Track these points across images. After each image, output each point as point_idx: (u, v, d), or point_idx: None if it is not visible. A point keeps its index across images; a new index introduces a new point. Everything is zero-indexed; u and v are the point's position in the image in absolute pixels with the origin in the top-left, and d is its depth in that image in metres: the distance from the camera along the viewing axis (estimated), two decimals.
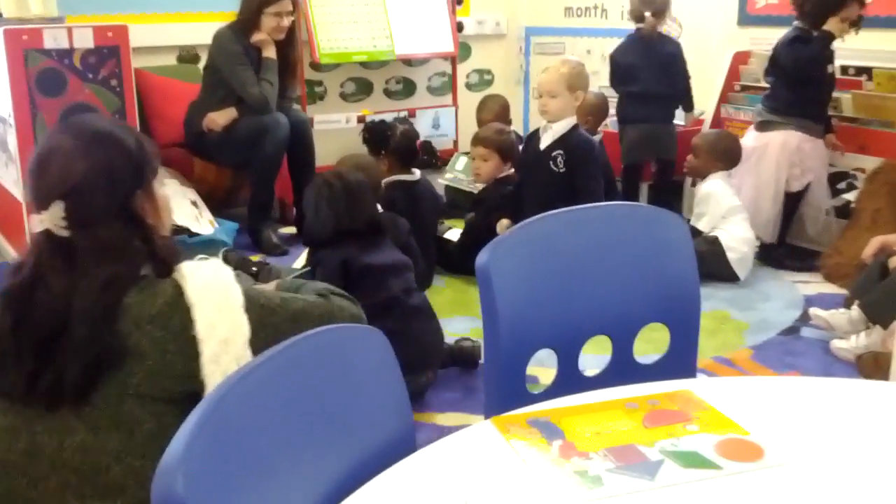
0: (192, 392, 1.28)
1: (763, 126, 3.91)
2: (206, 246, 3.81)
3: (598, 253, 1.49)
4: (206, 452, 0.87)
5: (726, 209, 3.75)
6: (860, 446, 1.11)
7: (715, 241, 3.69)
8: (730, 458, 1.08)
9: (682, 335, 1.54)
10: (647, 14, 4.28)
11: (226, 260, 3.52)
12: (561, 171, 3.35)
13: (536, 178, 3.47)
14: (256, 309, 1.39)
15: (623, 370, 1.50)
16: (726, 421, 1.16)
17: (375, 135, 3.78)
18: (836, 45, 3.77)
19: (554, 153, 3.36)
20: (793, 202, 3.87)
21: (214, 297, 1.34)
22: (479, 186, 4.09)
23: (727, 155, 3.89)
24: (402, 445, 1.12)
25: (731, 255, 3.67)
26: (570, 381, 1.47)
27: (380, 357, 1.14)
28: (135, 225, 1.37)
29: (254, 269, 3.51)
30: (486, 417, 1.23)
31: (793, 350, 3.05)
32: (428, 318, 2.77)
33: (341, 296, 1.59)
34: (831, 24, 3.64)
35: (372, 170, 3.42)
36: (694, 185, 4.01)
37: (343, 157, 3.51)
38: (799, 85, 3.77)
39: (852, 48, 4.02)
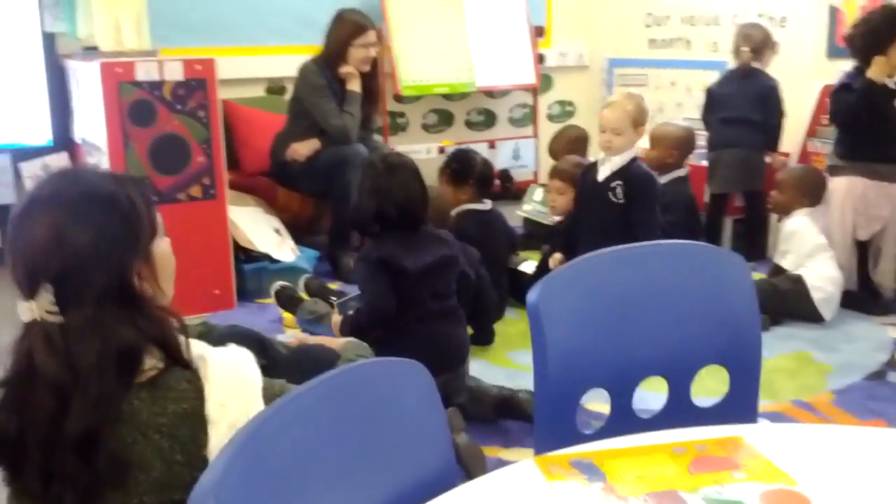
0: None
1: (831, 171, 3.81)
2: (288, 272, 3.90)
3: (653, 292, 1.47)
4: (241, 481, 0.89)
5: (812, 247, 3.64)
6: None
7: (799, 280, 3.59)
8: None
9: (742, 379, 1.50)
10: (744, 48, 4.32)
11: (307, 286, 3.64)
12: (620, 201, 3.34)
13: (594, 211, 3.46)
14: None
15: (679, 413, 1.47)
16: (775, 470, 1.13)
17: (462, 163, 3.81)
18: None
19: (613, 184, 3.35)
20: (865, 248, 3.72)
21: (232, 415, 1.20)
22: (556, 219, 4.07)
23: (813, 191, 3.78)
24: (442, 481, 1.12)
25: (815, 295, 3.56)
26: (623, 421, 1.44)
27: (422, 391, 1.15)
28: (132, 300, 1.22)
29: (332, 298, 3.58)
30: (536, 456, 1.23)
31: (877, 395, 2.93)
32: (452, 324, 2.80)
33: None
34: (878, 65, 3.50)
35: (439, 200, 3.45)
36: (780, 221, 3.91)
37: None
38: (858, 129, 3.64)
39: None
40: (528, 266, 4.01)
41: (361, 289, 2.77)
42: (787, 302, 3.58)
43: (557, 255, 3.59)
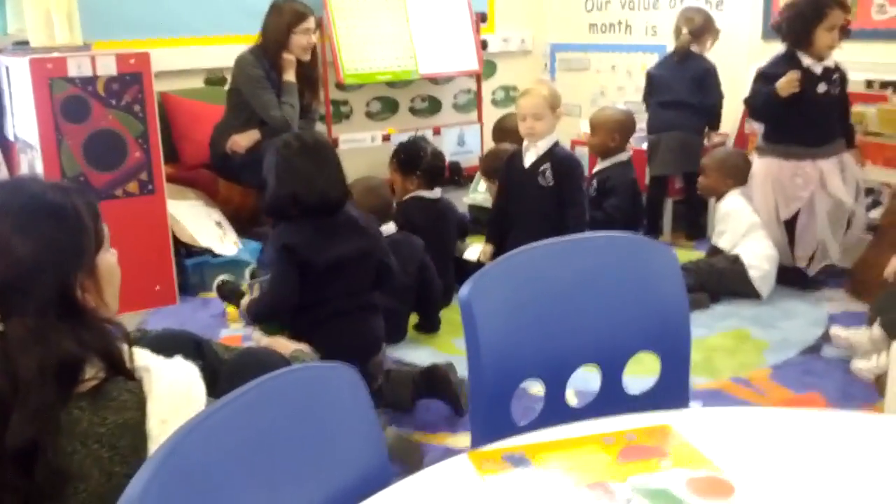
0: None
1: (757, 152, 3.87)
2: (230, 266, 3.87)
3: (583, 283, 1.49)
4: (167, 491, 0.89)
5: (747, 226, 3.71)
6: (834, 482, 1.10)
7: (736, 260, 3.66)
8: (700, 495, 1.08)
9: (672, 364, 1.53)
10: (684, 31, 4.40)
11: (252, 275, 3.61)
12: (549, 184, 3.40)
13: (525, 197, 3.51)
14: None
15: (612, 400, 1.49)
16: (700, 457, 1.16)
17: (410, 153, 3.80)
18: (857, 57, 3.73)
19: (541, 168, 3.41)
20: (792, 227, 3.72)
21: (173, 430, 1.15)
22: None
23: (736, 172, 3.87)
24: (376, 481, 1.13)
25: (752, 273, 3.63)
26: (557, 410, 1.47)
27: (349, 393, 1.15)
28: (74, 312, 1.22)
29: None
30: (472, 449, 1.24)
31: (812, 370, 3.01)
32: (366, 318, 2.73)
33: None
34: (820, 37, 3.52)
35: (383, 190, 3.44)
36: (717, 202, 3.98)
37: (354, 181, 3.53)
38: (770, 120, 3.73)
39: (877, 62, 3.97)
40: (472, 253, 4.03)
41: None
42: (725, 281, 3.65)
43: (487, 248, 3.62)
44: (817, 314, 3.50)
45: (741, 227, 3.71)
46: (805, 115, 3.56)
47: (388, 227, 3.32)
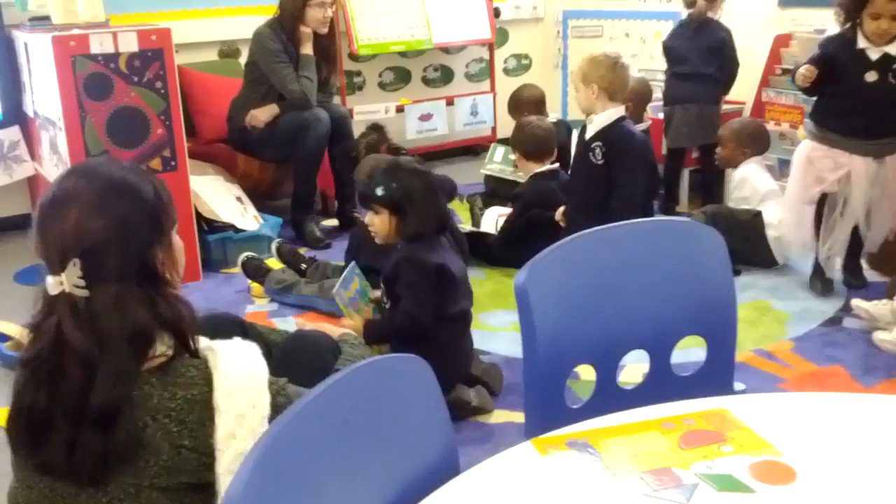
0: (208, 484, 1.24)
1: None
2: (252, 241, 3.90)
3: (632, 269, 1.52)
4: (265, 489, 0.93)
5: (764, 192, 3.75)
6: (892, 466, 1.13)
7: (758, 215, 3.67)
8: (763, 480, 1.12)
9: (718, 347, 1.57)
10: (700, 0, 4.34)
11: (279, 252, 3.65)
12: (599, 162, 3.35)
13: (580, 169, 3.50)
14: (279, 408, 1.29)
15: (661, 383, 1.53)
16: (760, 441, 1.20)
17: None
18: None
19: (593, 145, 3.37)
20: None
21: (239, 405, 1.25)
22: (522, 175, 4.10)
23: (753, 140, 3.88)
24: (446, 469, 1.17)
25: (770, 233, 3.64)
26: (608, 394, 1.50)
27: (422, 384, 1.18)
28: (152, 281, 1.30)
29: (303, 265, 3.60)
30: (527, 436, 1.27)
31: (834, 342, 3.05)
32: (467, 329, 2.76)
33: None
34: (866, 22, 3.14)
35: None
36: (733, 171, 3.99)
37: (362, 162, 3.54)
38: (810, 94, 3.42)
39: None
40: (488, 225, 4.06)
41: (403, 294, 2.54)
42: (743, 233, 3.58)
43: (560, 210, 3.60)
44: (837, 286, 3.52)
45: (759, 193, 3.75)
46: (848, 103, 3.21)
47: None
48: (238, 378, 1.27)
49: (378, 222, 2.62)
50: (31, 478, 1.29)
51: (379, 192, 2.59)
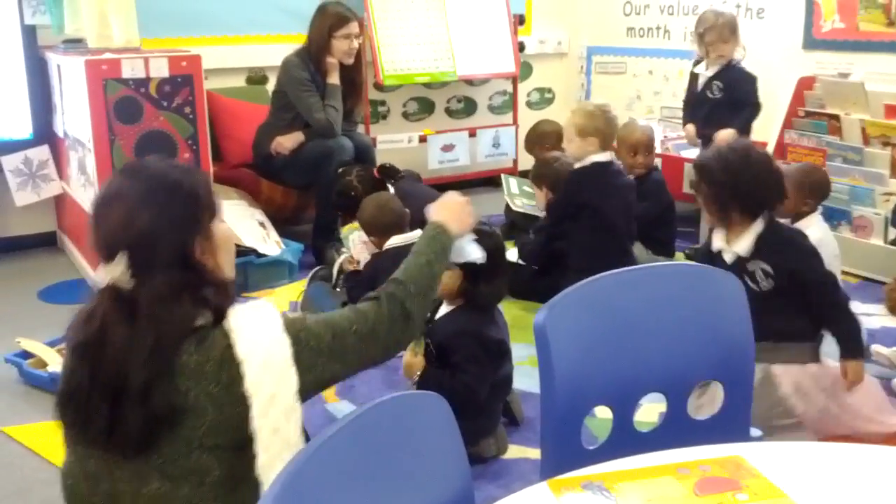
0: (250, 439, 1.35)
1: None
2: (273, 266, 3.93)
3: (651, 312, 1.53)
4: None
5: (829, 259, 2.95)
6: None
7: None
8: None
9: (736, 392, 1.57)
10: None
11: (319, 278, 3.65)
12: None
13: None
14: (307, 354, 1.44)
15: (677, 427, 1.53)
16: (775, 490, 1.20)
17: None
18: None
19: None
20: None
21: (261, 353, 1.37)
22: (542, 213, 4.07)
23: (815, 189, 3.48)
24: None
25: None
26: (624, 437, 1.51)
27: (441, 422, 1.20)
28: (193, 270, 1.40)
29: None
30: (543, 476, 1.28)
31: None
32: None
33: (406, 298, 1.64)
34: None
35: (394, 203, 3.44)
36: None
37: (364, 200, 3.52)
38: None
39: None
40: (510, 255, 4.07)
41: (463, 367, 2.41)
42: None
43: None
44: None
45: (837, 263, 3.24)
46: None
47: (401, 238, 3.30)
48: (254, 331, 1.39)
49: (445, 278, 2.35)
50: (85, 451, 1.40)
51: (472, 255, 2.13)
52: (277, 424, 1.36)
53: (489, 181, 5.66)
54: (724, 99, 4.07)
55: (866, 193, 4.05)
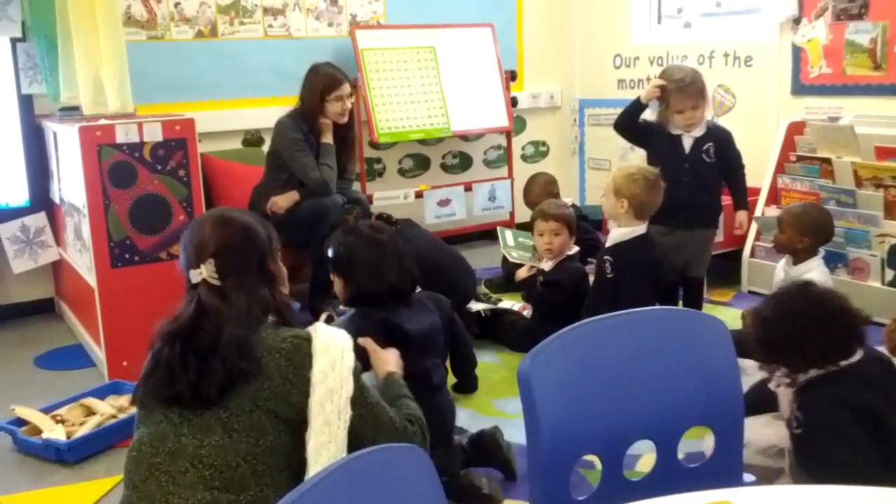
0: (302, 423, 1.62)
1: None
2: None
3: (637, 358, 1.52)
4: None
5: None
6: None
7: None
8: None
9: (726, 438, 1.55)
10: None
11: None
12: (609, 275, 3.45)
13: (595, 276, 3.67)
14: (359, 388, 1.72)
15: (668, 474, 1.51)
16: None
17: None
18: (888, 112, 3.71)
19: (605, 257, 3.49)
20: None
21: (332, 353, 1.68)
22: (547, 263, 4.03)
23: (816, 229, 3.51)
24: None
25: None
26: (615, 485, 1.49)
27: (422, 475, 1.18)
28: (267, 278, 1.77)
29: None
30: None
31: None
32: (446, 393, 2.77)
33: (421, 428, 1.91)
34: None
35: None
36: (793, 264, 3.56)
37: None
38: None
39: None
40: (508, 304, 4.07)
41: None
42: None
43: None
44: None
45: None
46: None
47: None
48: (330, 338, 1.71)
49: (336, 285, 2.74)
50: (159, 415, 1.65)
51: (329, 253, 2.75)
52: (330, 418, 1.63)
53: (486, 234, 5.68)
54: (717, 162, 3.69)
55: (861, 235, 4.06)
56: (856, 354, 2.02)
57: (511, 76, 5.72)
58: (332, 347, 1.68)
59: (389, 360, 2.30)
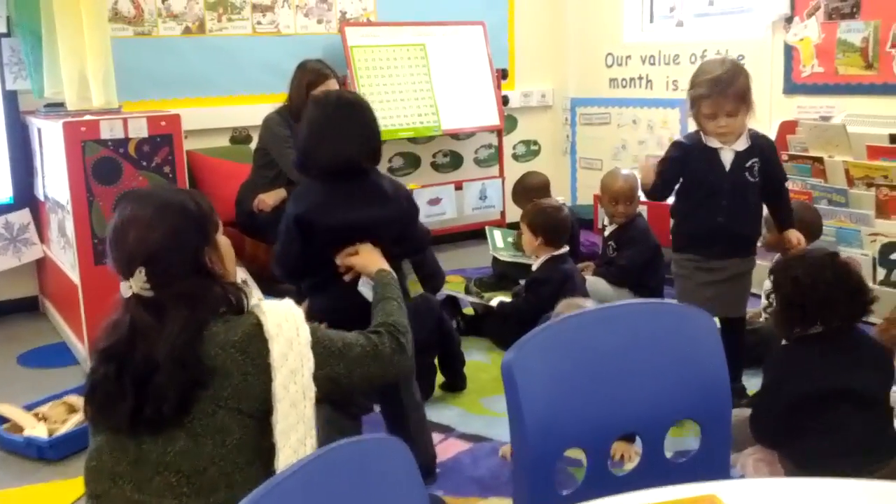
0: (268, 411, 1.55)
1: None
2: None
3: (624, 351, 1.48)
4: None
5: None
6: None
7: None
8: None
9: (714, 432, 1.52)
10: None
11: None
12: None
13: None
14: (320, 350, 1.64)
15: (654, 469, 1.48)
16: None
17: None
18: (881, 111, 3.69)
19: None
20: None
21: (287, 332, 1.58)
22: (536, 259, 4.00)
23: (809, 228, 3.45)
24: None
25: None
26: (600, 480, 1.45)
27: (402, 467, 1.15)
28: (206, 276, 1.61)
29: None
30: None
31: None
32: None
33: (392, 333, 1.86)
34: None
35: None
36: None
37: None
38: None
39: None
40: (497, 301, 4.03)
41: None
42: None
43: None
44: None
45: None
46: None
47: None
48: (281, 315, 1.60)
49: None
50: (113, 437, 1.56)
51: None
52: (295, 399, 1.56)
53: (476, 234, 5.64)
54: (760, 181, 3.02)
55: (853, 235, 4.03)
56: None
57: (502, 74, 5.69)
58: (285, 326, 1.58)
59: (372, 260, 2.24)
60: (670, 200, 3.17)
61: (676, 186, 3.06)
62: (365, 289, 2.29)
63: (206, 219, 1.65)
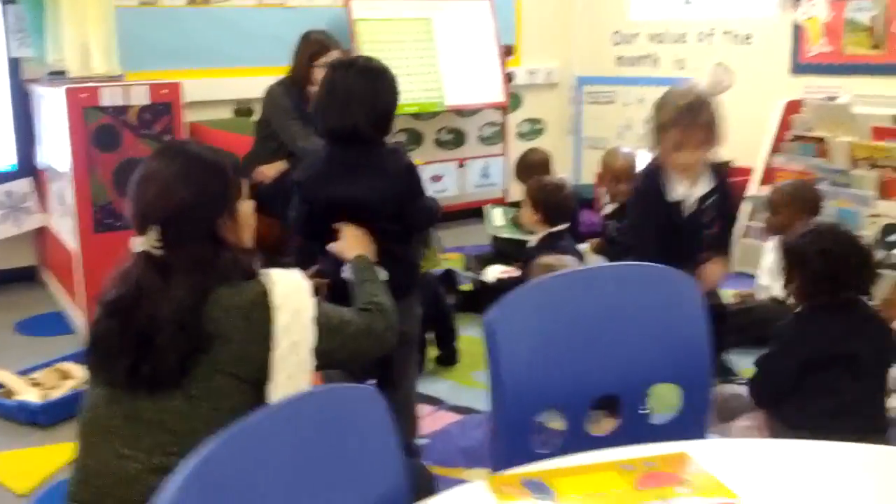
0: (265, 379, 1.54)
1: None
2: None
3: (606, 312, 1.49)
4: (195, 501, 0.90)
5: None
6: None
7: None
8: None
9: (693, 396, 1.52)
10: None
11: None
12: None
13: None
14: (321, 324, 1.62)
15: (633, 430, 1.48)
16: (717, 484, 1.15)
17: None
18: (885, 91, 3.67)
19: None
20: None
21: (293, 304, 1.57)
22: (534, 236, 3.99)
23: (811, 204, 3.44)
24: (392, 501, 1.13)
25: None
26: (577, 440, 1.46)
27: (375, 416, 1.16)
28: (218, 242, 1.58)
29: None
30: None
31: None
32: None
33: (379, 309, 1.87)
34: None
35: None
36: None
37: None
38: None
39: None
40: (490, 275, 4.03)
41: None
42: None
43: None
44: None
45: None
46: None
47: None
48: (289, 286, 1.59)
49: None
50: (110, 391, 1.55)
51: None
52: (293, 371, 1.55)
53: (478, 212, 5.63)
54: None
55: (854, 216, 4.01)
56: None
57: (508, 51, 5.66)
58: (292, 297, 1.57)
59: (351, 245, 2.23)
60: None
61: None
62: (347, 273, 2.27)
63: (231, 184, 1.63)
